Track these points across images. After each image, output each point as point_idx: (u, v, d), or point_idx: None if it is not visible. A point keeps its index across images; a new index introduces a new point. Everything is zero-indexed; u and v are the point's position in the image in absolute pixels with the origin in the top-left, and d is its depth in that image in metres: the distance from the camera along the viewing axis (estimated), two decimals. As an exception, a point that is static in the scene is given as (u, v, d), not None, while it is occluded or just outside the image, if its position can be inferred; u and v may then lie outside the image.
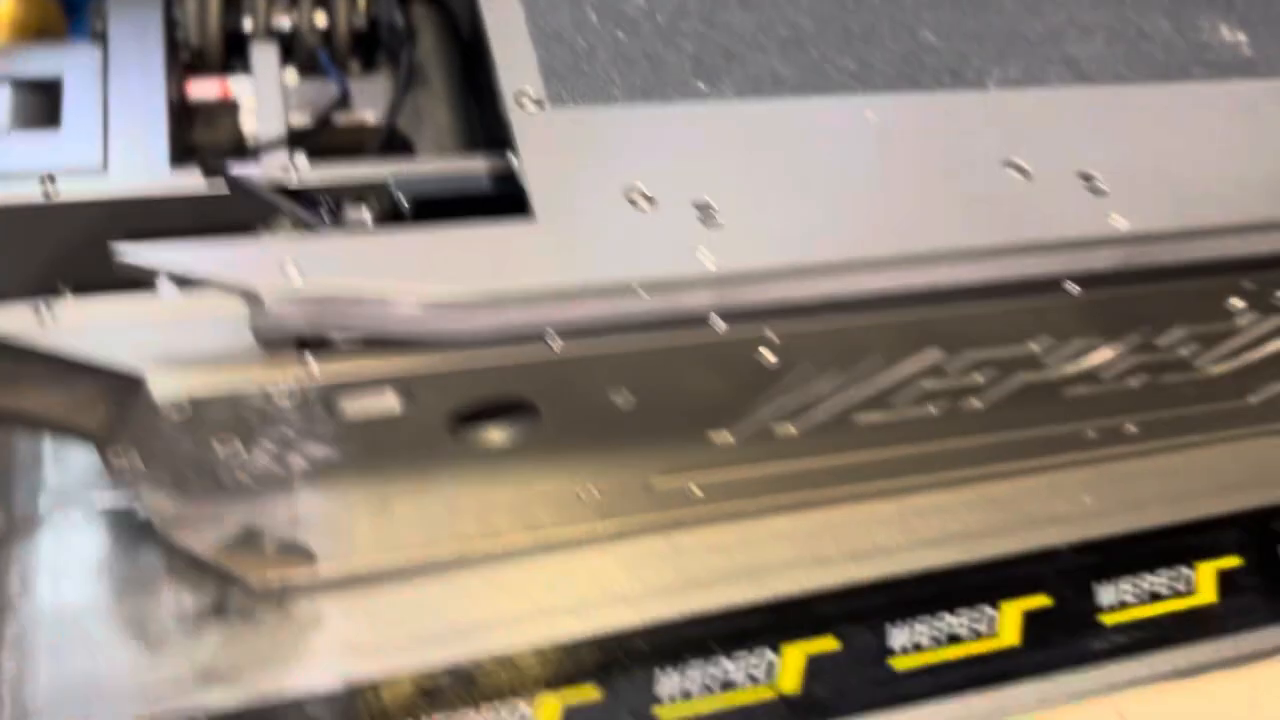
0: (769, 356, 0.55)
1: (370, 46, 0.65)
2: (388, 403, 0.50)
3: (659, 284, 0.48)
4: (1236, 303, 0.65)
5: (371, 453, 0.53)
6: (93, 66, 0.57)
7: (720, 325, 0.51)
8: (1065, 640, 0.72)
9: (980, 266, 0.54)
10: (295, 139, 0.57)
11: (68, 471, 0.64)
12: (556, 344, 0.50)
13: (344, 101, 0.62)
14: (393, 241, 0.48)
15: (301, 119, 0.61)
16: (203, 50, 0.62)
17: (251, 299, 0.44)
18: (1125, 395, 0.72)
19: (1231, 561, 0.79)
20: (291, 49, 0.63)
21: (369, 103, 0.63)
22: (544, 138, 0.52)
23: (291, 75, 0.63)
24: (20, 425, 0.56)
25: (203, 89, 0.62)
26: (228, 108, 0.61)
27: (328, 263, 0.45)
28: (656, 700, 0.64)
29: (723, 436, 0.62)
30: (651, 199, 0.51)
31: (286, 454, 0.51)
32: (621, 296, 0.48)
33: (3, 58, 0.58)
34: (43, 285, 0.52)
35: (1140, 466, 0.79)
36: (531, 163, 0.51)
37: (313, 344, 0.47)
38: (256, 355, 0.47)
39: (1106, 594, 0.74)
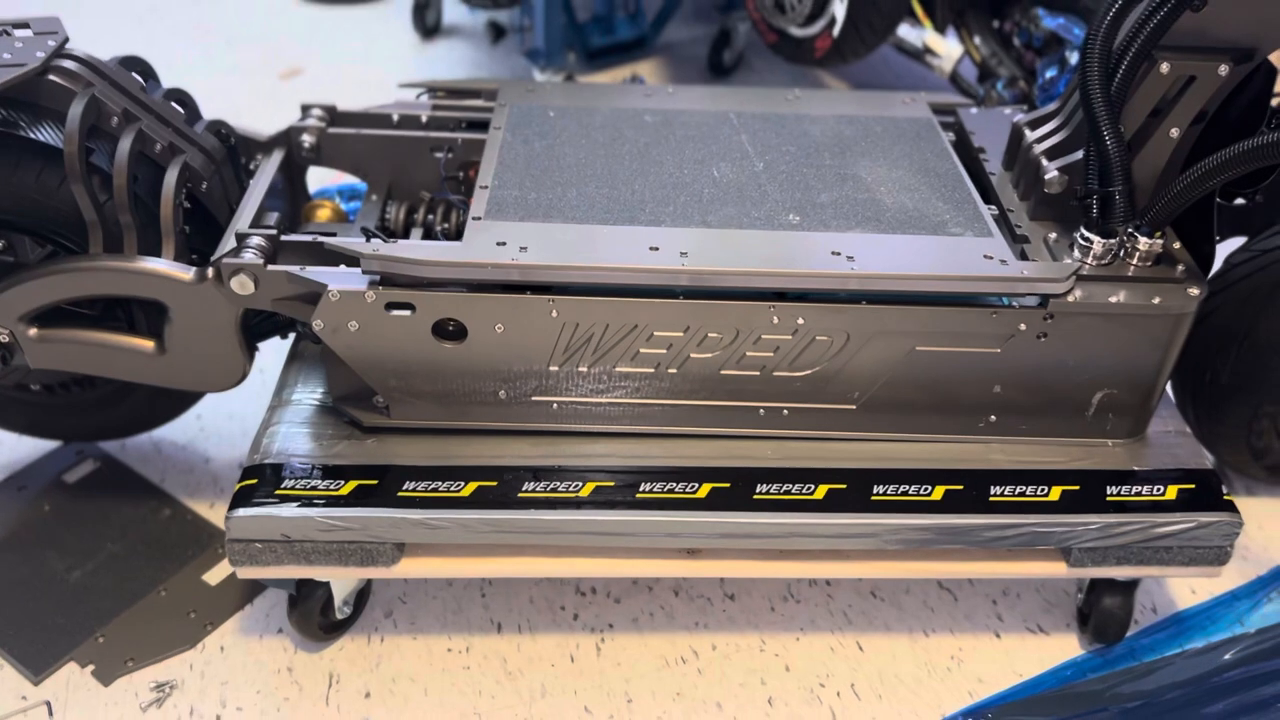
0: (553, 313, 1.36)
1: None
2: (406, 312, 1.36)
3: (490, 265, 1.33)
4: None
5: (403, 347, 1.39)
6: (348, 232, 1.56)
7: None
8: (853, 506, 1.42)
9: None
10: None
11: (307, 382, 1.55)
12: (461, 292, 1.35)
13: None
14: (407, 245, 1.37)
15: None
16: (394, 232, 1.60)
17: (356, 257, 1.34)
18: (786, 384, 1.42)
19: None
20: (427, 234, 1.59)
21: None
22: (477, 226, 1.40)
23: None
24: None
25: (392, 243, 1.58)
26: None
27: (385, 248, 1.35)
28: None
29: (553, 367, 1.41)
30: (504, 244, 1.36)
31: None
32: (478, 269, 1.33)
33: (335, 230, 1.58)
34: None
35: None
36: (469, 229, 1.39)
37: (385, 283, 1.36)
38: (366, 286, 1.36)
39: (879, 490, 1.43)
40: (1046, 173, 1.45)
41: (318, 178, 1.77)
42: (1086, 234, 1.39)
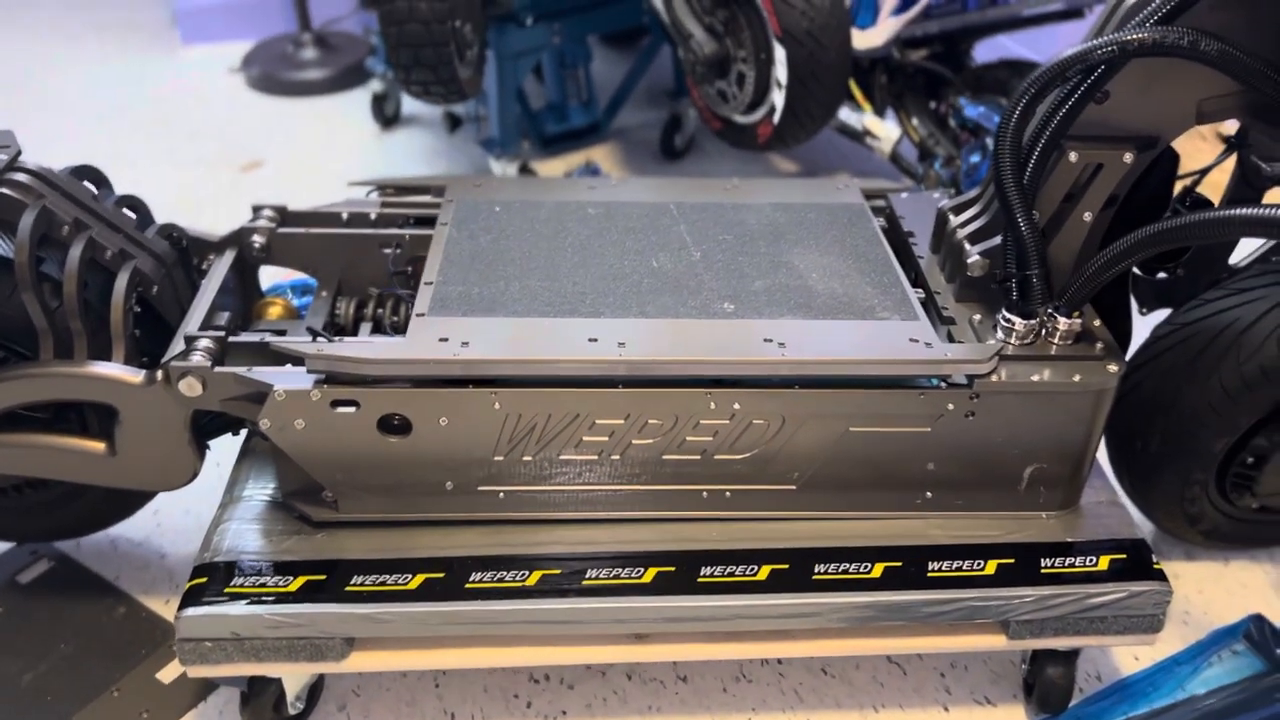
0: (496, 405, 1.40)
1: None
2: (351, 409, 1.40)
3: (433, 361, 1.37)
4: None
5: (350, 443, 1.42)
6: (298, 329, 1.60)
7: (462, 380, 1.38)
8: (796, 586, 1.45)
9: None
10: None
11: (259, 478, 1.57)
12: (405, 388, 1.38)
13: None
14: (351, 344, 1.41)
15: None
16: (343, 328, 1.64)
17: (301, 357, 1.38)
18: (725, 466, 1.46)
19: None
20: (377, 328, 1.63)
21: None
22: (420, 323, 1.44)
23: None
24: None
25: (341, 339, 1.62)
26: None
27: (329, 348, 1.39)
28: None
29: (498, 457, 1.44)
30: (446, 340, 1.40)
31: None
32: (421, 366, 1.37)
33: (286, 328, 1.62)
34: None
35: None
36: (412, 325, 1.43)
37: (330, 381, 1.39)
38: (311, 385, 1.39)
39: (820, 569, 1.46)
40: (969, 257, 1.51)
41: (272, 273, 1.81)
42: (1008, 315, 1.45)
